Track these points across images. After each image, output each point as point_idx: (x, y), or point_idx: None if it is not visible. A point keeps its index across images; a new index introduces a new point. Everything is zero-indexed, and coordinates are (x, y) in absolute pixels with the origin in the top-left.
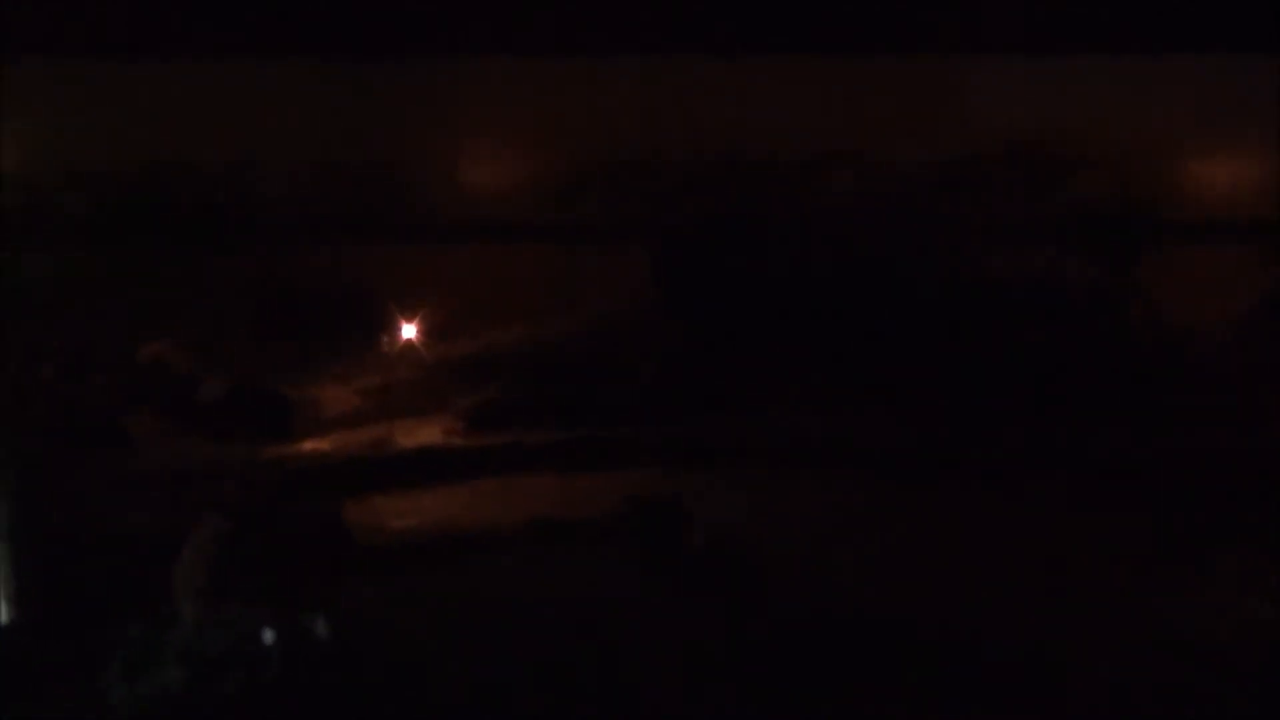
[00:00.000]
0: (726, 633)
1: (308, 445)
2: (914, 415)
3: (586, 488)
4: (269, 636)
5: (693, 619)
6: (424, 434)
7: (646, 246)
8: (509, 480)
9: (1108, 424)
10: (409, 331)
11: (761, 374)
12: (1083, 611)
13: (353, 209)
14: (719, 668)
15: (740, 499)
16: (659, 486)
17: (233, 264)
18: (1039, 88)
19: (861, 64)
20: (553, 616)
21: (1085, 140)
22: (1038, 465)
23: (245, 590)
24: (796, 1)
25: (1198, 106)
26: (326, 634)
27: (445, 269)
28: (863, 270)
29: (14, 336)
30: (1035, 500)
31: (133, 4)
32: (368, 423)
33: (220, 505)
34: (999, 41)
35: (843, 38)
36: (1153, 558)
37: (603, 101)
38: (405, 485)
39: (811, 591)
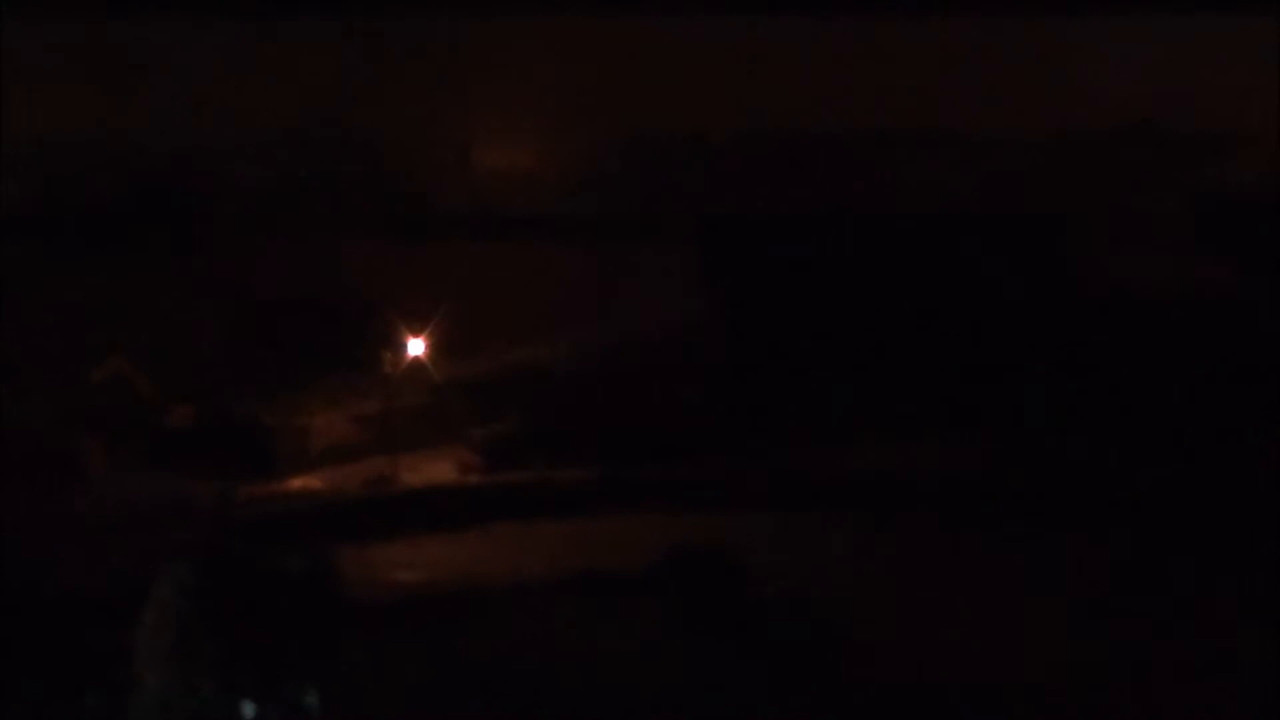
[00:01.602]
0: (793, 701)
1: (294, 482)
2: (1014, 447)
3: (623, 534)
4: (249, 711)
5: (751, 686)
6: (432, 470)
7: (694, 243)
8: (532, 525)
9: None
10: (415, 348)
11: (829, 398)
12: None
13: (347, 199)
14: None
15: (803, 546)
16: (707, 532)
17: (203, 265)
18: (1165, 54)
19: (949, 27)
20: (585, 686)
21: (1223, 116)
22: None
23: (220, 654)
24: None
25: None
26: (317, 707)
27: (458, 272)
28: (954, 273)
29: None
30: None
31: None
32: (365, 456)
33: (190, 553)
34: None
35: None
36: None
37: (645, 68)
38: (410, 531)
39: (892, 656)
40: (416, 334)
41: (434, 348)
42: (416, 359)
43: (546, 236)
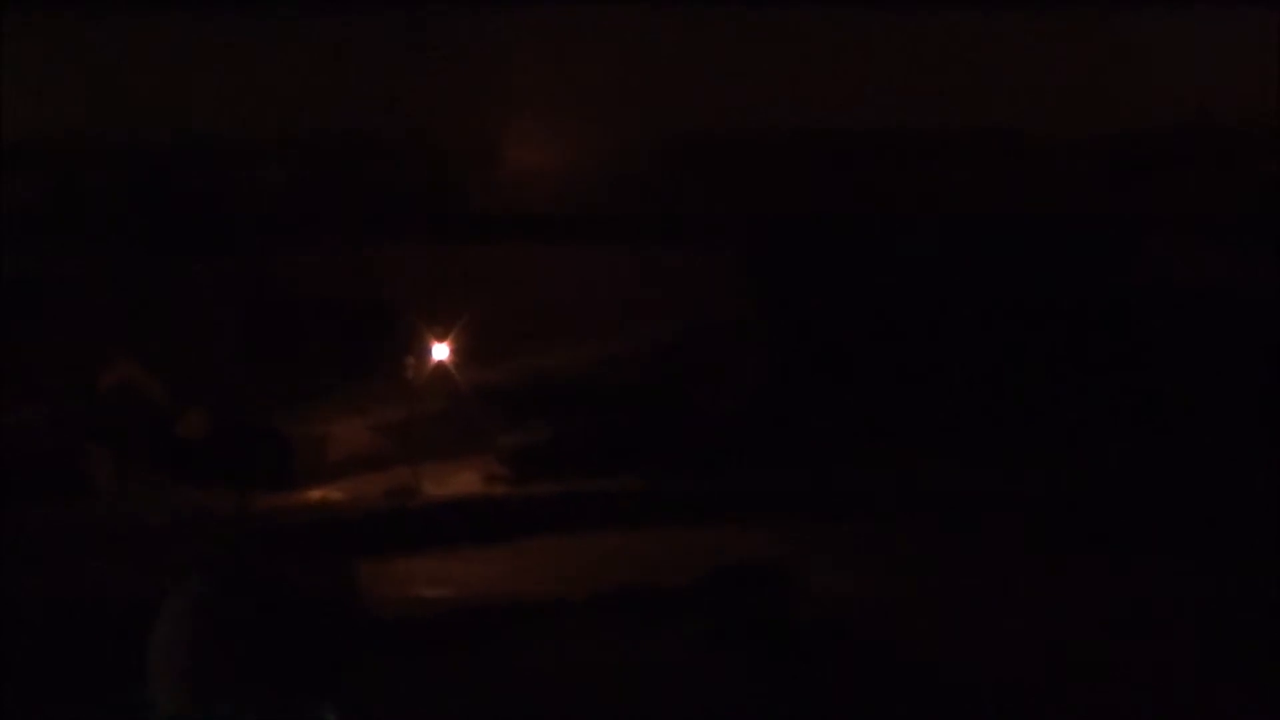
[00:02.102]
0: None
1: (313, 494)
2: (1079, 457)
3: (663, 550)
4: None
5: (797, 710)
6: (458, 481)
7: (739, 245)
8: (565, 540)
9: None
10: (440, 352)
11: (882, 404)
12: None
13: (369, 197)
14: None
15: (857, 562)
16: (754, 547)
17: (218, 265)
18: (1229, 49)
19: (1011, 20)
20: (621, 711)
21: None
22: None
23: (235, 675)
24: None
25: None
26: None
27: (486, 274)
28: (1013, 274)
29: None
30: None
31: None
32: (388, 466)
33: (203, 568)
34: None
35: None
36: None
37: (689, 60)
38: (435, 545)
39: (952, 680)
40: (441, 338)
41: (460, 353)
42: (441, 364)
43: (581, 237)
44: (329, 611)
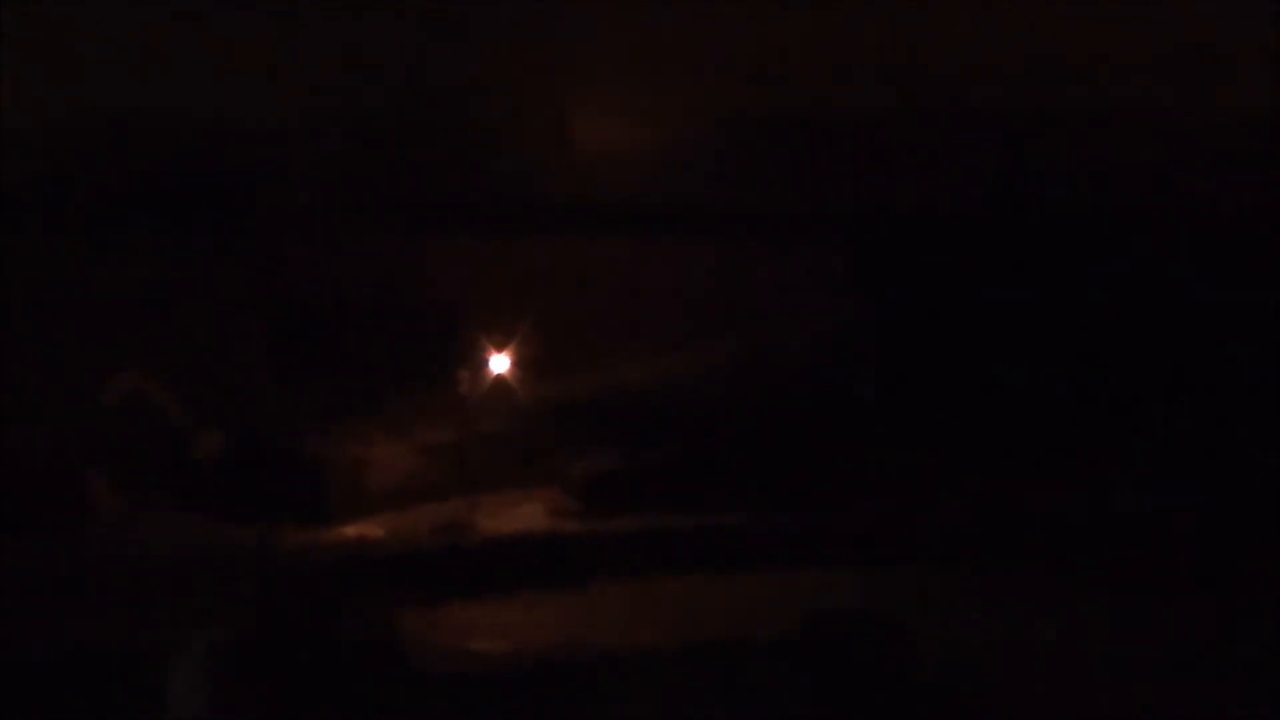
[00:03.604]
0: None
1: (349, 529)
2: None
3: (755, 594)
4: None
5: None
6: (518, 515)
7: (847, 240)
8: (642, 584)
9: None
10: (498, 364)
11: (1003, 427)
12: None
13: (417, 186)
14: None
15: (971, 609)
16: (856, 592)
17: (242, 263)
18: None
19: None
20: None
21: None
22: None
23: None
24: None
25: None
26: None
27: (553, 273)
28: (1159, 269)
29: None
30: None
31: None
32: (437, 497)
33: (222, 614)
34: None
35: None
36: None
37: (784, 31)
38: (491, 590)
39: None
40: (501, 348)
41: (522, 364)
42: (500, 378)
43: (662, 230)
44: (367, 667)
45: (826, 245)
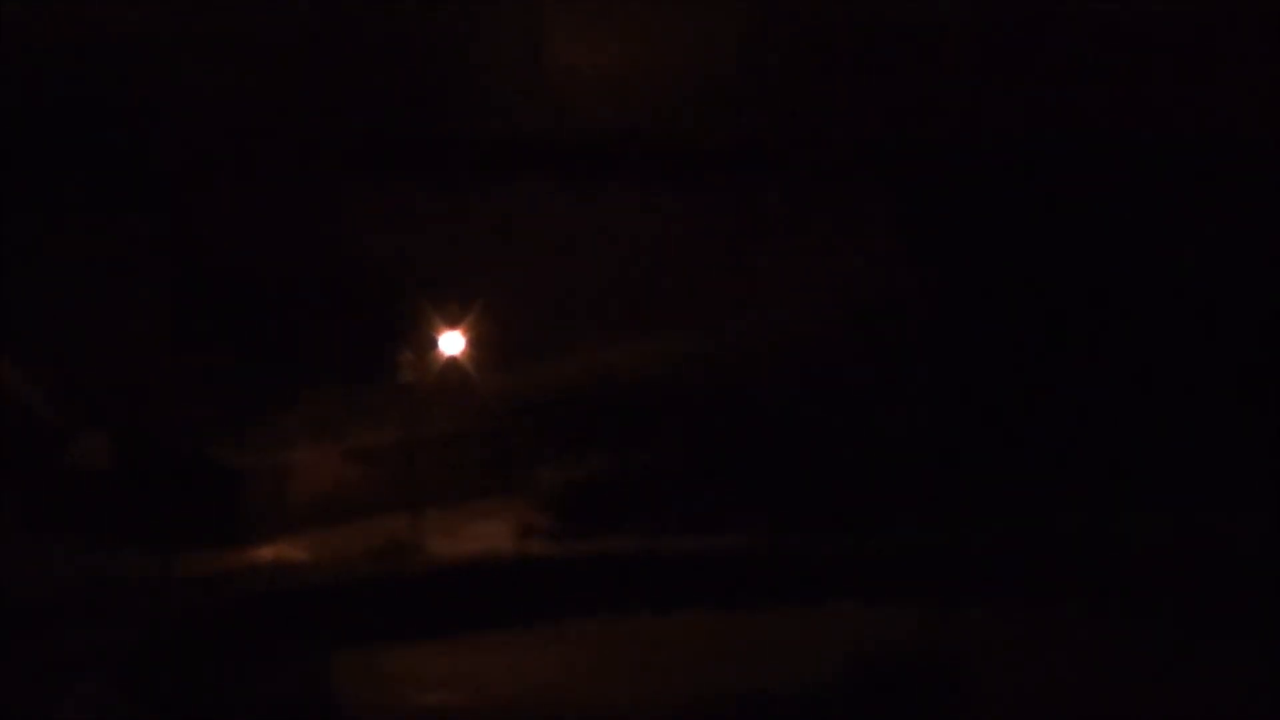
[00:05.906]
0: None
1: (266, 551)
2: None
3: (773, 634)
4: None
5: None
6: (475, 534)
7: (883, 183)
8: (630, 621)
9: None
10: (451, 344)
11: (1072, 428)
12: None
13: (354, 124)
14: None
15: (1036, 652)
16: (900, 634)
17: (128, 225)
18: None
19: None
20: None
21: None
22: None
23: None
24: None
25: None
26: None
27: (518, 230)
28: (1244, 236)
29: None
30: None
31: None
32: (375, 512)
33: (114, 656)
34: None
35: None
36: None
37: None
38: (441, 628)
39: None
40: (452, 325)
41: (480, 345)
42: (453, 362)
43: (655, 175)
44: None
45: (859, 190)
